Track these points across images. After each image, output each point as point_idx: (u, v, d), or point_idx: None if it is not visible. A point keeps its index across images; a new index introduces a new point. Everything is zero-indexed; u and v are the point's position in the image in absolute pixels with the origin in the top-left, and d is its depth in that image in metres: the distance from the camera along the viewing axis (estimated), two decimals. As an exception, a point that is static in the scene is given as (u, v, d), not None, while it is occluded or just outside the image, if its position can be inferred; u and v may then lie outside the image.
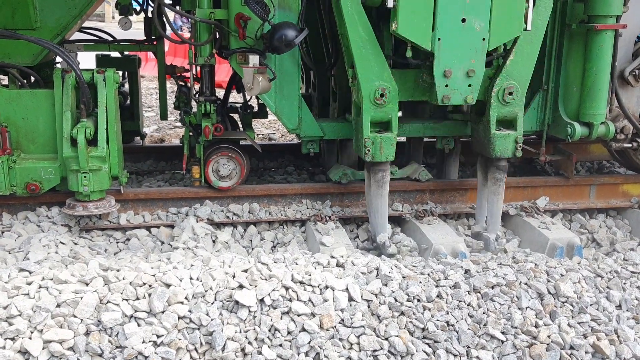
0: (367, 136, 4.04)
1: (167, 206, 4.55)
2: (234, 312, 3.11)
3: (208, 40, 4.23)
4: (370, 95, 3.99)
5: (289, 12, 4.20)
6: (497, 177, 4.32)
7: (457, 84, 3.96)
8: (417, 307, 3.24)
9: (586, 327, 3.25)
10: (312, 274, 3.33)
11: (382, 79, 3.99)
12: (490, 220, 4.43)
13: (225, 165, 4.49)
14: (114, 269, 3.37)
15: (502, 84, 4.12)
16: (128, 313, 3.03)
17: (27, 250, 3.89)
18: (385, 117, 4.07)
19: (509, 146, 4.20)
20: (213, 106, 4.43)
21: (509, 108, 4.17)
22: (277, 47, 3.92)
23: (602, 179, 5.07)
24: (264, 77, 4.06)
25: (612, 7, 4.21)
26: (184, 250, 3.93)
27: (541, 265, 3.74)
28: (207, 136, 4.37)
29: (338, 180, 4.66)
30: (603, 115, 4.47)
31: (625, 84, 4.64)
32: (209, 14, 4.13)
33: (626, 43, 4.57)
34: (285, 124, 4.49)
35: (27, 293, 3.12)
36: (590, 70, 4.39)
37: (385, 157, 4.11)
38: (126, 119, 5.81)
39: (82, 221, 4.34)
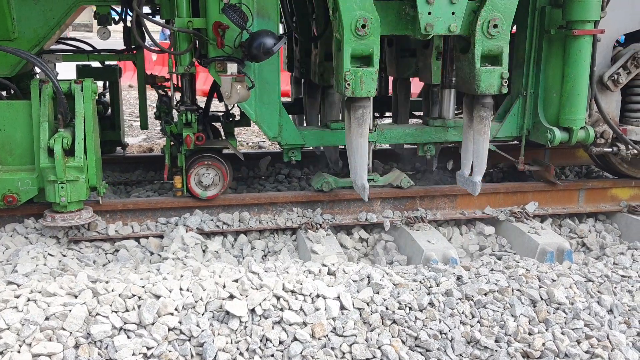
0: (348, 69, 3.89)
1: (156, 216, 4.52)
2: (224, 323, 3.09)
3: (187, 50, 4.21)
4: (351, 26, 3.84)
5: (267, 20, 4.19)
6: (482, 115, 4.21)
7: (440, 11, 3.87)
8: (409, 316, 3.23)
9: (580, 333, 3.25)
10: (303, 283, 3.31)
11: (363, 9, 3.84)
12: (476, 161, 4.34)
13: (206, 174, 4.45)
14: (103, 280, 3.33)
15: (487, 16, 4.00)
16: (117, 325, 3.00)
17: (15, 262, 3.84)
18: (367, 51, 3.92)
19: (495, 82, 4.08)
20: (194, 115, 4.40)
21: (494, 42, 4.05)
22: (255, 55, 3.91)
23: (590, 184, 5.09)
24: (242, 85, 4.04)
25: (589, 13, 4.22)
26: (173, 261, 3.90)
27: (532, 271, 3.74)
28: (188, 145, 4.33)
29: (320, 188, 4.64)
30: (582, 120, 4.48)
31: (605, 89, 4.66)
32: (187, 22, 4.11)
33: (605, 48, 4.60)
34: (266, 132, 4.46)
35: (16, 306, 3.08)
36: (569, 75, 4.40)
37: (366, 93, 3.96)
38: (107, 129, 5.78)
39: (71, 232, 4.30)
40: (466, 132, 4.39)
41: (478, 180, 4.32)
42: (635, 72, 4.64)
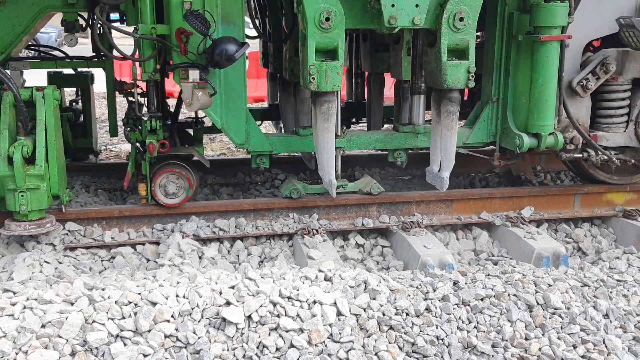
0: (312, 63, 3.86)
1: (153, 222, 4.51)
2: (221, 330, 3.09)
3: (151, 56, 4.18)
4: (315, 19, 3.81)
5: (233, 26, 4.18)
6: (449, 110, 4.19)
7: (404, 3, 3.85)
8: (405, 321, 3.23)
9: (576, 337, 3.26)
10: (300, 289, 3.31)
11: (327, 1, 3.82)
12: (444, 157, 4.32)
13: (171, 182, 4.41)
14: (99, 288, 3.33)
15: (453, 9, 3.98)
16: (114, 332, 3.00)
17: (11, 270, 3.83)
18: (331, 44, 3.90)
19: (461, 76, 4.05)
20: (159, 122, 4.36)
21: (460, 35, 4.02)
22: (218, 62, 3.90)
23: (586, 188, 5.11)
24: (204, 92, 4.03)
25: (556, 18, 4.22)
26: (169, 268, 3.90)
27: (529, 276, 3.75)
28: (151, 153, 4.29)
29: (288, 195, 4.61)
30: (551, 126, 4.47)
31: (574, 95, 4.63)
32: (150, 29, 4.10)
33: (574, 54, 4.58)
34: (232, 139, 4.44)
35: (12, 314, 3.08)
36: (537, 81, 4.39)
37: (331, 87, 3.92)
38: (79, 137, 5.76)
39: (67, 239, 4.29)
40: (435, 127, 4.36)
41: (446, 176, 4.31)
42: (604, 77, 4.60)
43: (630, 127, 4.81)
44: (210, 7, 4.07)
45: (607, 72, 4.57)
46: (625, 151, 4.88)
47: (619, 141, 4.80)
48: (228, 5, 4.15)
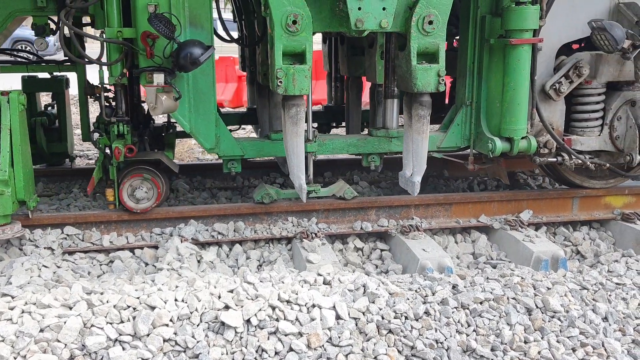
0: (280, 67, 3.82)
1: (151, 227, 4.51)
2: (220, 334, 3.08)
3: (118, 60, 4.16)
4: (282, 22, 3.78)
5: (201, 29, 4.16)
6: (420, 114, 4.15)
7: (370, 6, 3.81)
8: (405, 325, 3.23)
9: (575, 340, 3.26)
10: (298, 293, 3.31)
11: (294, 4, 3.78)
12: (416, 161, 4.28)
13: (139, 187, 4.37)
14: (98, 292, 3.32)
15: (422, 12, 3.93)
16: (112, 337, 2.99)
17: (9, 274, 3.82)
18: (299, 48, 3.86)
19: (431, 80, 4.01)
20: (127, 127, 4.33)
21: (430, 39, 3.98)
22: (183, 65, 3.88)
23: (584, 192, 5.11)
24: (168, 96, 4.00)
25: (527, 22, 4.20)
26: (168, 272, 3.89)
27: (527, 279, 3.75)
28: (117, 158, 4.24)
29: (260, 200, 4.58)
30: (524, 130, 4.44)
31: (547, 98, 4.59)
32: (116, 33, 4.08)
33: (547, 57, 4.55)
34: (202, 143, 4.40)
35: (10, 318, 3.07)
36: (509, 84, 4.37)
37: (299, 91, 3.88)
38: (54, 141, 5.74)
39: (65, 244, 4.29)
40: (407, 131, 4.34)
41: (417, 181, 4.28)
42: (577, 81, 4.54)
43: (605, 131, 4.76)
44: (177, 10, 4.05)
45: (580, 75, 4.51)
46: (601, 155, 4.83)
47: (594, 145, 4.76)
48: (195, 8, 4.13)
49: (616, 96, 4.74)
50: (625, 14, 4.48)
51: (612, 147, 4.80)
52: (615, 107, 4.74)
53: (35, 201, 4.30)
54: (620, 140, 4.79)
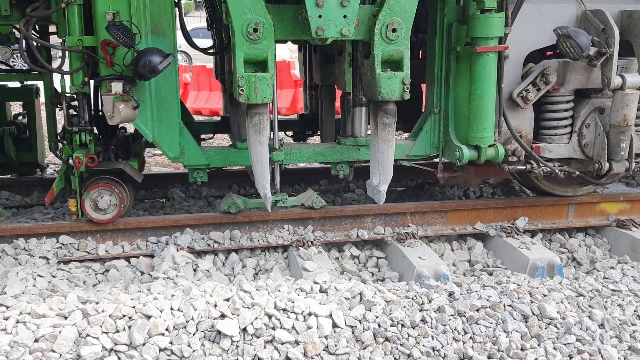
0: (241, 75, 3.80)
1: (147, 235, 4.50)
2: (216, 343, 3.07)
3: (79, 68, 4.14)
4: (242, 30, 3.75)
5: (162, 37, 4.15)
6: (385, 122, 4.11)
7: (331, 14, 3.77)
8: (401, 333, 3.22)
9: (572, 347, 3.26)
10: (295, 301, 3.30)
11: (255, 12, 3.75)
12: (382, 170, 4.25)
13: (102, 197, 4.32)
14: (93, 301, 3.31)
15: (385, 20, 3.91)
16: (108, 346, 2.98)
17: (4, 284, 3.80)
18: (261, 56, 3.83)
19: (396, 88, 3.98)
20: (89, 136, 4.30)
21: (394, 46, 3.96)
22: (142, 73, 3.87)
23: (579, 198, 5.13)
24: (126, 104, 3.98)
25: (492, 29, 4.19)
26: (164, 280, 3.88)
27: (524, 286, 3.75)
28: (77, 168, 4.19)
29: (226, 210, 4.54)
30: (491, 138, 4.42)
31: (515, 106, 4.56)
32: (77, 41, 4.07)
33: (514, 65, 4.54)
34: (166, 152, 4.36)
35: (4, 328, 3.05)
36: (475, 92, 4.34)
37: (261, 99, 3.86)
38: (24, 151, 5.71)
39: (60, 253, 4.27)
40: (373, 140, 4.31)
41: (383, 190, 4.25)
42: (545, 88, 4.50)
43: (574, 138, 4.73)
44: (138, 19, 4.04)
45: (548, 83, 4.49)
46: (571, 162, 4.80)
47: (563, 152, 4.73)
48: (157, 16, 4.12)
49: (585, 104, 4.71)
50: (592, 21, 4.48)
51: (581, 155, 4.76)
52: (584, 114, 4.71)
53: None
54: (589, 147, 4.75)
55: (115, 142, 4.76)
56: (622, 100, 4.45)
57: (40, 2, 4.19)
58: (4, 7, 4.30)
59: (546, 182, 5.03)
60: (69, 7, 4.03)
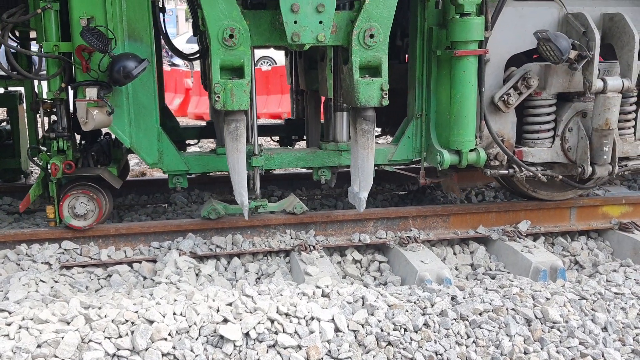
0: (217, 81, 3.78)
1: (149, 240, 4.50)
2: (219, 347, 3.07)
3: (56, 74, 4.13)
4: (218, 36, 3.74)
5: (140, 43, 4.13)
6: (364, 129, 4.08)
7: (306, 20, 3.73)
8: (404, 337, 3.22)
9: (575, 351, 3.25)
10: (297, 305, 3.30)
11: (230, 18, 3.73)
12: (362, 176, 4.20)
13: (80, 203, 4.30)
14: (96, 306, 3.31)
15: (363, 25, 3.88)
16: (111, 352, 2.98)
17: (6, 289, 3.81)
18: (237, 62, 3.82)
19: (374, 94, 3.94)
20: (67, 142, 4.29)
21: (372, 52, 3.93)
22: (117, 79, 3.86)
23: (582, 201, 5.12)
24: (100, 110, 3.96)
25: (471, 33, 4.17)
26: (166, 285, 3.88)
27: (526, 290, 3.75)
28: (54, 174, 4.17)
29: (207, 216, 4.51)
30: (472, 142, 4.39)
31: (497, 110, 4.54)
32: (53, 47, 4.06)
33: (496, 69, 4.51)
34: (144, 158, 4.33)
35: (7, 334, 3.05)
36: (456, 97, 4.32)
37: (238, 106, 3.84)
38: (7, 157, 5.71)
39: (62, 258, 4.28)
40: (353, 146, 4.27)
41: (363, 197, 4.21)
42: (526, 92, 4.47)
43: (557, 142, 4.70)
44: (114, 24, 4.03)
45: (529, 86, 4.46)
46: (554, 167, 4.78)
47: (546, 157, 4.70)
48: (134, 21, 4.11)
49: (567, 107, 4.69)
50: (573, 25, 4.46)
51: (564, 159, 4.73)
52: (567, 118, 4.68)
53: None
54: (572, 151, 4.72)
55: (96, 148, 4.74)
56: (604, 104, 4.42)
57: (17, 8, 4.20)
58: None
59: (528, 186, 5.00)
60: (45, 13, 4.03)
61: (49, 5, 4.02)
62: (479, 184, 6.04)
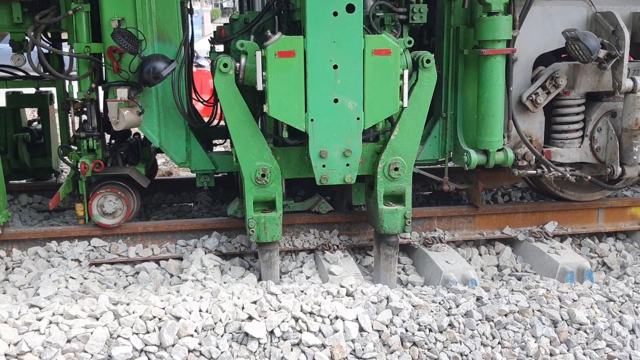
0: (251, 217, 3.95)
1: (176, 238, 4.56)
2: (243, 344, 3.10)
3: (86, 75, 4.20)
4: (251, 176, 3.91)
5: (169, 44, 4.18)
6: (387, 253, 4.16)
7: (334, 163, 3.84)
8: (429, 337, 3.21)
9: (602, 353, 3.22)
10: (321, 304, 3.32)
11: (262, 159, 3.91)
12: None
13: (109, 202, 4.37)
14: (124, 302, 3.36)
15: (387, 159, 4.00)
16: (138, 347, 3.03)
17: (37, 286, 3.89)
18: (269, 197, 3.99)
19: (398, 222, 4.06)
20: (97, 142, 4.36)
21: (396, 183, 4.04)
22: (147, 80, 3.91)
23: (609, 202, 5.05)
24: (130, 110, 4.02)
25: (499, 32, 4.12)
26: (193, 283, 3.93)
27: (553, 291, 3.71)
28: (83, 173, 4.25)
29: (233, 214, 4.57)
30: (499, 142, 4.35)
31: (525, 110, 4.49)
32: (84, 48, 4.13)
33: (524, 68, 4.46)
34: (173, 157, 4.40)
35: (38, 329, 3.12)
36: (483, 96, 4.28)
37: (271, 238, 4.02)
38: (39, 157, 5.81)
39: (92, 255, 4.36)
40: (376, 265, 4.32)
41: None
42: (555, 92, 4.42)
43: (586, 142, 4.63)
44: (144, 25, 4.08)
45: (557, 86, 4.40)
46: (583, 167, 4.71)
47: (574, 157, 4.64)
48: (163, 22, 4.16)
49: (596, 107, 4.63)
50: (602, 24, 4.40)
51: (593, 159, 4.67)
52: (596, 118, 4.62)
53: (5, 216, 4.34)
54: (601, 151, 4.65)
55: (125, 148, 4.83)
56: (633, 104, 4.36)
57: (49, 10, 4.29)
58: (16, 15, 4.41)
59: (556, 186, 4.94)
60: (76, 14, 4.11)
61: (80, 6, 4.10)
62: (505, 184, 5.99)
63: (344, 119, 3.75)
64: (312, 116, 3.71)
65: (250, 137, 3.89)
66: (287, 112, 3.70)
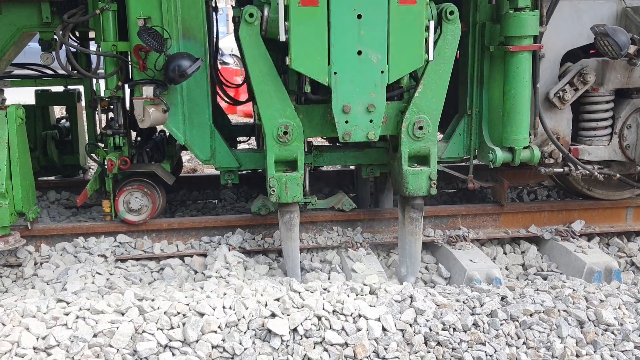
0: (272, 176, 3.89)
1: (200, 235, 4.60)
2: (266, 341, 3.11)
3: (113, 73, 4.24)
4: (273, 133, 3.86)
5: (194, 41, 4.18)
6: (412, 217, 4.08)
7: (357, 119, 3.77)
8: (453, 337, 3.19)
9: (629, 355, 3.16)
10: (344, 303, 3.32)
11: (285, 116, 3.85)
12: (409, 262, 4.19)
13: (135, 198, 4.40)
14: (149, 298, 3.40)
15: (412, 118, 3.91)
16: (163, 342, 3.06)
17: (64, 281, 3.95)
18: (291, 156, 3.93)
19: (423, 183, 3.97)
20: (123, 139, 4.40)
21: (421, 143, 3.96)
22: (172, 78, 3.92)
23: (639, 201, 4.95)
24: (156, 108, 4.04)
25: (526, 28, 4.05)
26: (216, 279, 3.95)
27: (579, 291, 3.66)
28: (110, 170, 4.29)
29: (257, 211, 4.56)
30: (525, 140, 4.26)
31: (552, 107, 4.41)
32: (111, 46, 4.17)
33: (551, 64, 4.38)
34: (197, 155, 4.41)
35: (65, 323, 3.17)
36: (509, 93, 4.20)
37: (292, 198, 3.95)
38: (67, 154, 5.89)
39: (118, 251, 4.41)
40: (401, 230, 4.25)
41: (411, 282, 4.10)
42: (583, 88, 4.35)
43: (614, 140, 4.54)
44: (169, 23, 4.11)
45: (586, 82, 4.32)
46: (612, 165, 4.61)
47: (603, 155, 4.54)
48: (188, 20, 4.17)
49: (625, 104, 4.52)
50: (633, 19, 4.30)
51: (622, 157, 4.57)
52: (625, 115, 4.52)
53: (35, 212, 4.39)
54: (630, 149, 4.56)
55: (151, 145, 4.88)
56: None
57: (77, 9, 4.35)
58: (45, 15, 4.47)
59: (584, 184, 4.85)
60: (103, 13, 4.17)
61: (107, 6, 4.15)
62: (531, 182, 5.92)
63: (367, 72, 3.68)
64: (335, 69, 3.65)
65: (274, 92, 3.83)
66: (310, 65, 3.64)
